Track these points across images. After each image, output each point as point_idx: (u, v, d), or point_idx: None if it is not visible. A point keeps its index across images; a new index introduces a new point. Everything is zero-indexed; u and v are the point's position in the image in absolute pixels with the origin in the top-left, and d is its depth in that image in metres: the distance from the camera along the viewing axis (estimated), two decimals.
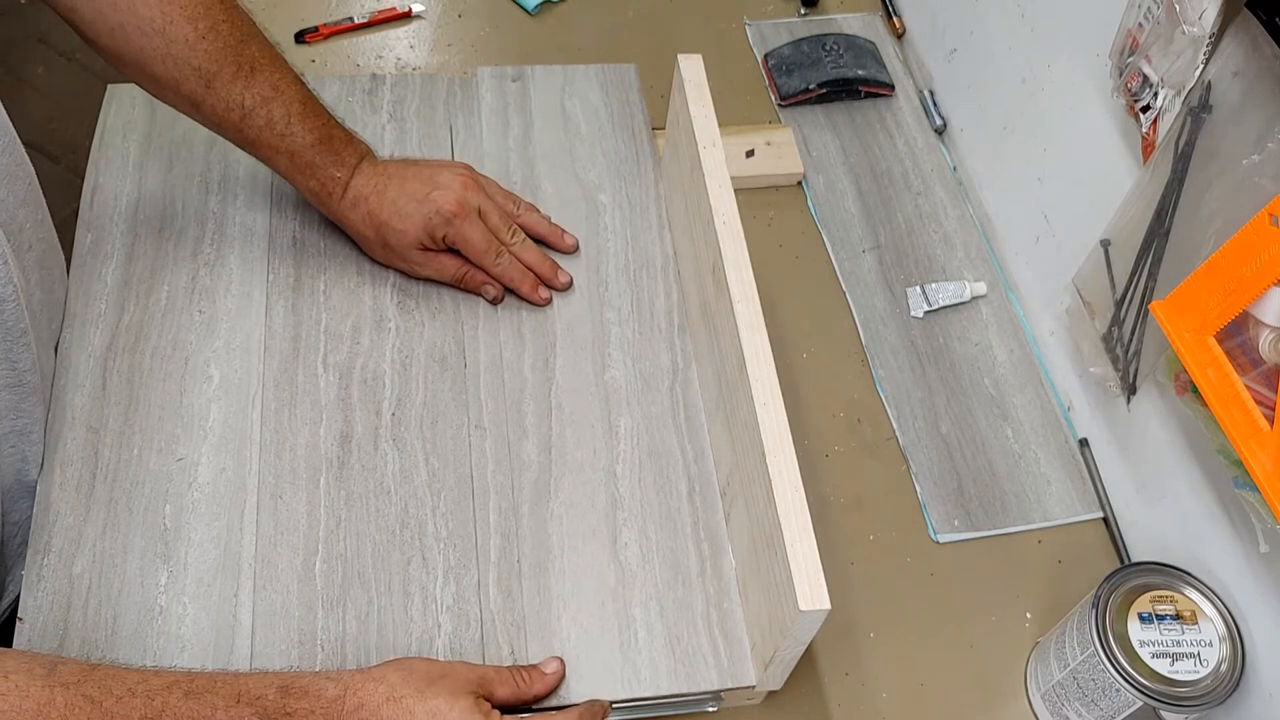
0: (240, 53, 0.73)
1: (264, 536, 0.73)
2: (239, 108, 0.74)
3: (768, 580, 0.65)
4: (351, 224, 0.81)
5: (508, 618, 0.71)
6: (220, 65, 0.72)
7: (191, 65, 0.72)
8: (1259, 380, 0.61)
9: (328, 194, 0.79)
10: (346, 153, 0.79)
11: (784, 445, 0.64)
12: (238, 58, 0.73)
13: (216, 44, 0.72)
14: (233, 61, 0.73)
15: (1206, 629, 0.68)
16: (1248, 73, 0.64)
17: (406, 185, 0.79)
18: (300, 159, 0.77)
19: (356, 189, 0.79)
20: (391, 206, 0.79)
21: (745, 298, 0.70)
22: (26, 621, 0.68)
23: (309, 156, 0.77)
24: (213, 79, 0.72)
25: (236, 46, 0.73)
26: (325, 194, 0.79)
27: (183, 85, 0.73)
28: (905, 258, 0.96)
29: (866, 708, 0.75)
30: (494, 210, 0.82)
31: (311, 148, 0.77)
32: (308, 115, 0.76)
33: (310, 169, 0.78)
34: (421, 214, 0.79)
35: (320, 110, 0.78)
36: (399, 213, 0.79)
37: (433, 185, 0.79)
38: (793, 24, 1.12)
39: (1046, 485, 0.85)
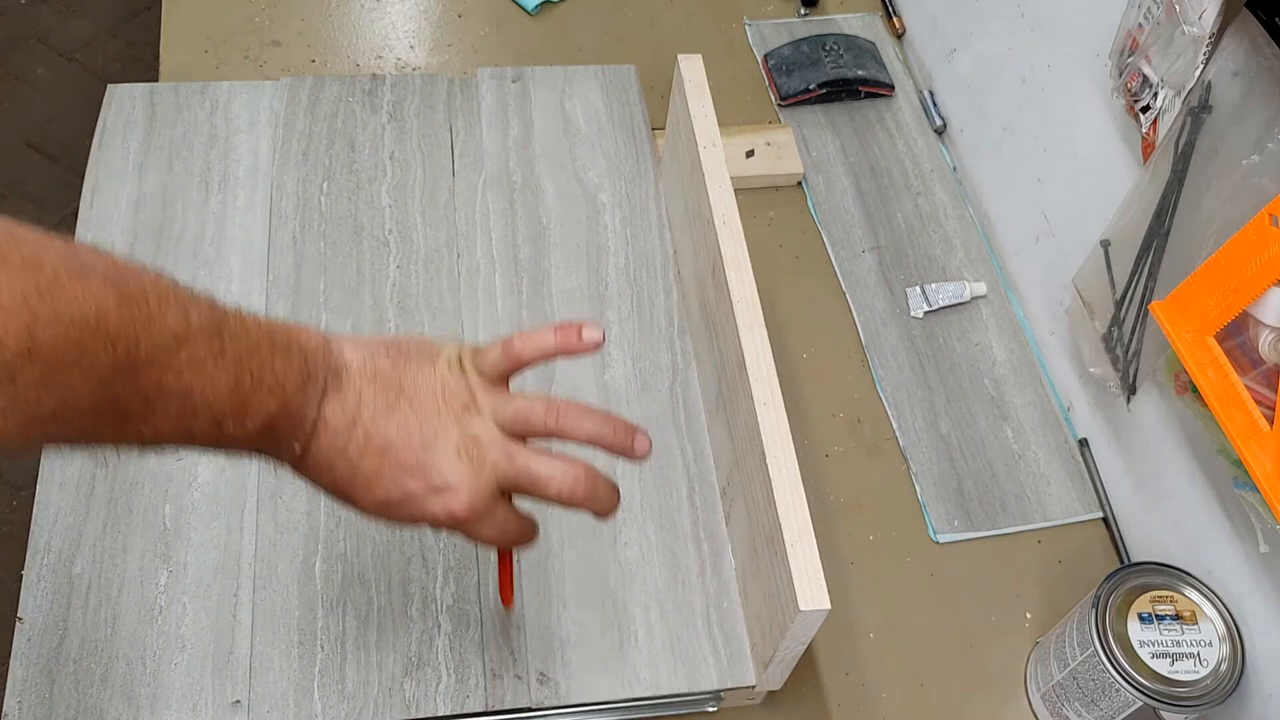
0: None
1: (264, 536, 0.73)
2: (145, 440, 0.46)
3: (768, 580, 0.65)
4: (307, 480, 0.54)
5: (508, 618, 0.71)
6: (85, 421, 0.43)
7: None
8: (1259, 380, 0.61)
9: (281, 460, 0.53)
10: (300, 389, 0.50)
11: (784, 445, 0.64)
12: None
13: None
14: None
15: (1206, 629, 0.68)
16: (1248, 73, 0.64)
17: (390, 457, 0.52)
18: (247, 444, 0.50)
19: (320, 448, 0.52)
20: (368, 491, 0.53)
21: (745, 298, 0.70)
22: (26, 621, 0.68)
23: (258, 439, 0.50)
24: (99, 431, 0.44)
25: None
26: (284, 458, 0.52)
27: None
28: (905, 258, 0.96)
29: (866, 708, 0.75)
30: (513, 458, 0.55)
31: (260, 432, 0.49)
32: (233, 384, 0.47)
33: (266, 441, 0.50)
34: (411, 514, 0.54)
35: (239, 350, 0.47)
36: (378, 501, 0.53)
37: (427, 472, 0.53)
38: (793, 24, 1.12)
39: (1046, 485, 0.85)
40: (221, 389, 0.46)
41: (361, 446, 0.52)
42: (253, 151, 0.90)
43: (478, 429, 0.54)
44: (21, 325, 0.38)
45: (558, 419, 0.56)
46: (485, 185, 0.91)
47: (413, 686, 0.68)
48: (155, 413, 0.44)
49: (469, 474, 0.53)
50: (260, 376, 0.47)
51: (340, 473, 0.52)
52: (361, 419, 0.52)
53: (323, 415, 0.51)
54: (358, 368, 0.53)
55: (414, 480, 0.53)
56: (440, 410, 0.54)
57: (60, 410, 0.41)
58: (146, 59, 1.99)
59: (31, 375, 0.39)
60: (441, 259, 0.86)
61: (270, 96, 0.94)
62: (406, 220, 0.88)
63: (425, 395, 0.54)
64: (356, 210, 0.88)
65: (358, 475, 0.52)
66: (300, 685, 0.68)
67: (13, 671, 0.67)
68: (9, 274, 0.38)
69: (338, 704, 0.67)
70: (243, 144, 0.91)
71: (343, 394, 0.52)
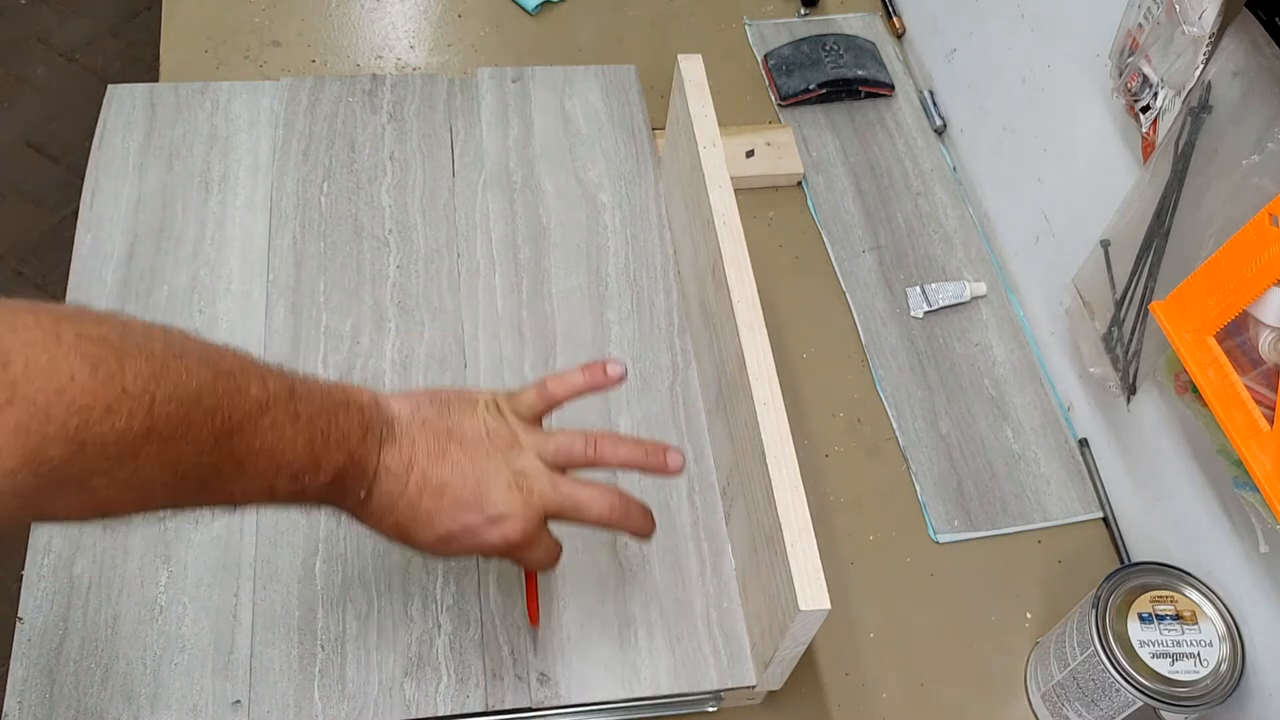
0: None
1: (264, 536, 0.73)
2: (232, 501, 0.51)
3: (768, 580, 0.65)
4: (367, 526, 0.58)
5: (508, 618, 0.71)
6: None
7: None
8: (1259, 380, 0.61)
9: (346, 508, 0.57)
10: (361, 441, 0.55)
11: (784, 445, 0.64)
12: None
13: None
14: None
15: (1206, 629, 0.68)
16: (1248, 73, 0.64)
17: (447, 495, 0.57)
18: (319, 495, 0.55)
19: (382, 493, 0.56)
20: (429, 527, 0.58)
21: (745, 298, 0.70)
22: (26, 621, 0.68)
23: (329, 490, 0.54)
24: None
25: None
26: (343, 508, 0.57)
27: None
28: (905, 258, 0.96)
29: (866, 708, 0.75)
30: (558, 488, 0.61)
31: (331, 483, 0.54)
32: (310, 441, 0.52)
33: (335, 492, 0.55)
34: (470, 546, 0.59)
35: (310, 411, 0.52)
36: (438, 536, 0.58)
37: (483, 505, 0.58)
38: (793, 24, 1.12)
39: (1046, 485, 0.85)
40: (299, 447, 0.50)
41: (420, 488, 0.57)
42: (253, 151, 0.90)
43: (524, 464, 0.60)
44: (144, 408, 0.42)
45: (597, 450, 0.62)
46: (485, 185, 0.91)
47: (413, 686, 0.68)
48: (245, 473, 0.49)
49: (521, 504, 0.59)
50: (329, 433, 0.52)
51: (401, 514, 0.57)
52: (417, 463, 0.57)
53: (382, 463, 0.56)
54: (407, 418, 0.58)
55: (472, 514, 0.58)
56: (488, 450, 0.59)
57: (169, 480, 0.45)
58: (146, 59, 1.99)
59: (150, 452, 0.43)
60: (441, 259, 0.86)
61: (270, 96, 0.94)
62: (406, 220, 0.88)
63: (472, 438, 0.59)
64: (356, 210, 0.88)
65: (418, 514, 0.57)
66: (300, 685, 0.68)
67: (13, 671, 0.67)
68: (131, 363, 0.42)
69: (338, 704, 0.67)
70: (243, 144, 0.91)
71: (398, 442, 0.56)
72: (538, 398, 0.63)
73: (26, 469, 0.39)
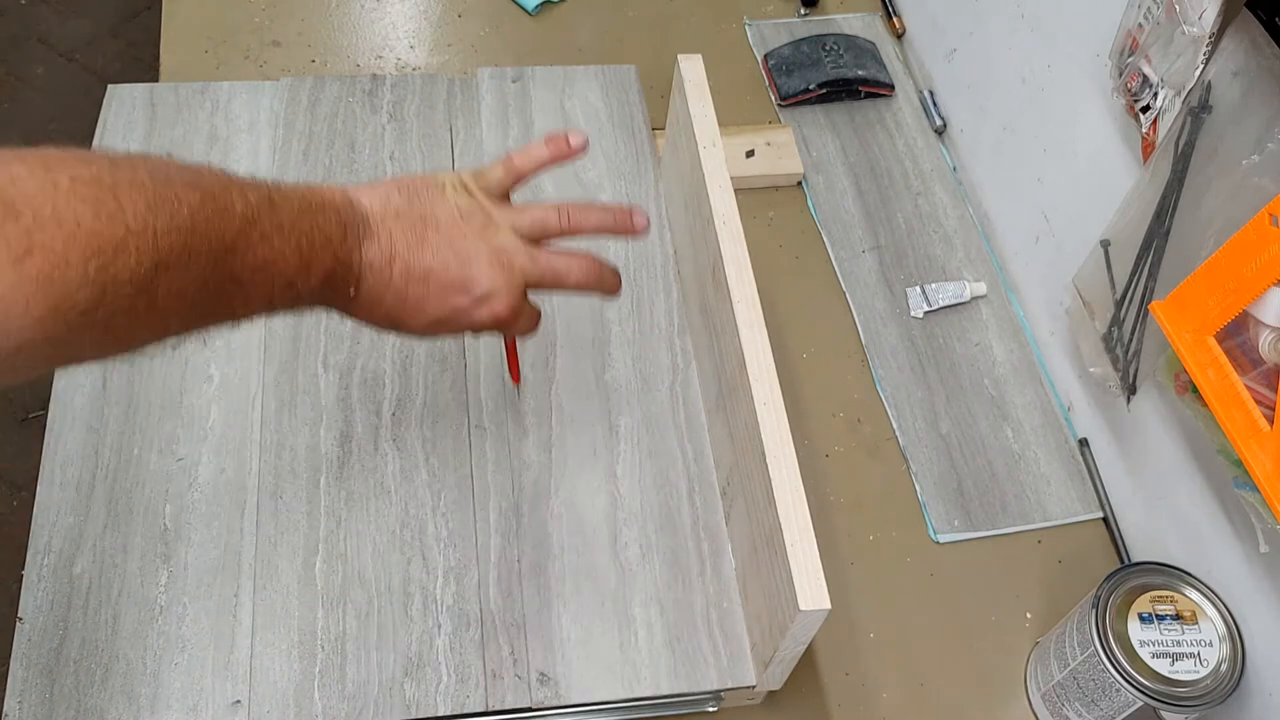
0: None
1: (264, 536, 0.73)
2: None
3: (768, 580, 0.65)
4: (361, 320, 0.59)
5: (508, 618, 0.71)
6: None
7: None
8: (1259, 380, 0.61)
9: (340, 306, 0.58)
10: (343, 240, 0.55)
11: (784, 445, 0.64)
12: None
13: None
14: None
15: (1206, 629, 0.68)
16: (1248, 73, 0.64)
17: (433, 281, 0.59)
18: (312, 298, 0.55)
19: (369, 287, 0.57)
20: (418, 314, 0.59)
21: (745, 298, 0.70)
22: (26, 621, 0.68)
23: (320, 292, 0.55)
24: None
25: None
26: (337, 306, 0.58)
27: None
28: (905, 258, 0.96)
29: (866, 708, 0.75)
30: (536, 260, 0.63)
31: (320, 285, 0.54)
32: (296, 239, 0.52)
33: (326, 292, 0.56)
34: (460, 326, 0.61)
35: (291, 218, 0.52)
36: (429, 321, 0.60)
37: (469, 286, 0.59)
38: (793, 24, 1.12)
39: (1046, 485, 0.85)
40: (289, 255, 0.51)
41: (405, 277, 0.57)
42: (253, 151, 0.90)
43: (502, 240, 0.61)
44: (149, 242, 0.42)
45: (570, 220, 0.64)
46: None
47: (413, 686, 0.68)
48: (245, 289, 0.49)
49: (504, 280, 0.61)
50: (313, 237, 0.52)
51: (390, 304, 0.58)
52: (399, 254, 0.57)
53: (365, 259, 0.56)
54: (380, 210, 0.58)
55: (459, 296, 0.59)
56: (465, 231, 0.60)
57: (180, 308, 0.46)
58: (146, 59, 1.99)
59: (161, 284, 0.43)
60: None
61: (270, 96, 0.94)
62: None
63: (447, 221, 0.60)
64: None
65: (406, 303, 0.58)
66: (300, 685, 0.68)
67: (13, 671, 0.67)
68: (127, 199, 0.42)
69: (338, 704, 0.67)
70: (243, 144, 0.91)
71: (375, 236, 0.57)
72: (504, 173, 0.64)
73: (55, 316, 0.39)
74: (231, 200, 0.48)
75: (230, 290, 0.49)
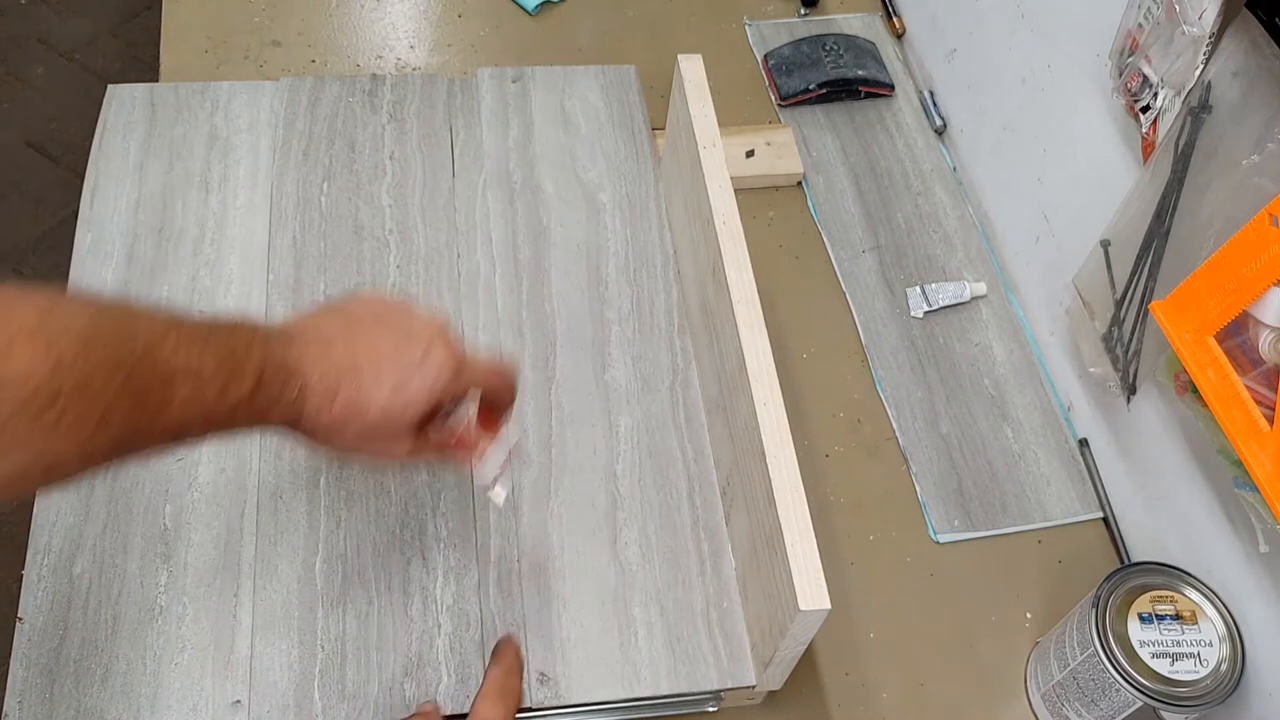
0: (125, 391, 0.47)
1: (264, 536, 0.73)
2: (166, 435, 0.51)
3: (768, 580, 0.65)
4: (323, 430, 0.58)
5: (508, 618, 0.71)
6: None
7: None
8: (1259, 380, 0.61)
9: (299, 415, 0.56)
10: (265, 348, 0.55)
11: (784, 445, 0.64)
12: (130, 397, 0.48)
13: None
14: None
15: (1206, 629, 0.68)
16: (1248, 73, 0.64)
17: (381, 348, 0.59)
18: (254, 411, 0.54)
19: (316, 380, 0.56)
20: (378, 385, 0.58)
21: (745, 298, 0.70)
22: (26, 621, 0.68)
23: (262, 403, 0.54)
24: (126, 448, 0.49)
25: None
26: (296, 415, 0.56)
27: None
28: (905, 258, 0.96)
29: (866, 708, 0.75)
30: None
31: (253, 392, 0.53)
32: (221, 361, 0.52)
33: (268, 408, 0.55)
34: (426, 383, 0.59)
35: (204, 325, 0.52)
36: (393, 387, 0.58)
37: (413, 335, 0.60)
38: (793, 24, 1.12)
39: (1046, 485, 0.85)
40: (209, 362, 0.51)
41: (350, 354, 0.57)
42: (253, 151, 0.90)
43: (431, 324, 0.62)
44: (43, 346, 0.43)
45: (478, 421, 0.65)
46: (485, 185, 0.91)
47: (413, 686, 0.68)
48: (173, 394, 0.49)
49: (440, 325, 0.61)
50: (232, 344, 0.52)
51: (348, 388, 0.57)
52: (336, 338, 0.58)
53: (301, 353, 0.56)
54: (297, 315, 0.59)
55: (411, 348, 0.59)
56: (390, 305, 0.62)
57: (102, 415, 0.46)
58: (146, 59, 1.99)
59: (68, 388, 0.44)
60: (441, 259, 0.86)
61: (270, 96, 0.94)
62: (406, 220, 0.88)
63: (369, 305, 0.61)
64: (356, 210, 0.88)
65: (363, 379, 0.57)
66: (300, 685, 0.68)
67: (13, 671, 0.67)
68: (19, 308, 0.44)
69: (338, 704, 0.67)
70: (243, 144, 0.91)
71: (303, 335, 0.57)
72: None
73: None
74: (135, 314, 0.50)
75: (158, 394, 0.49)
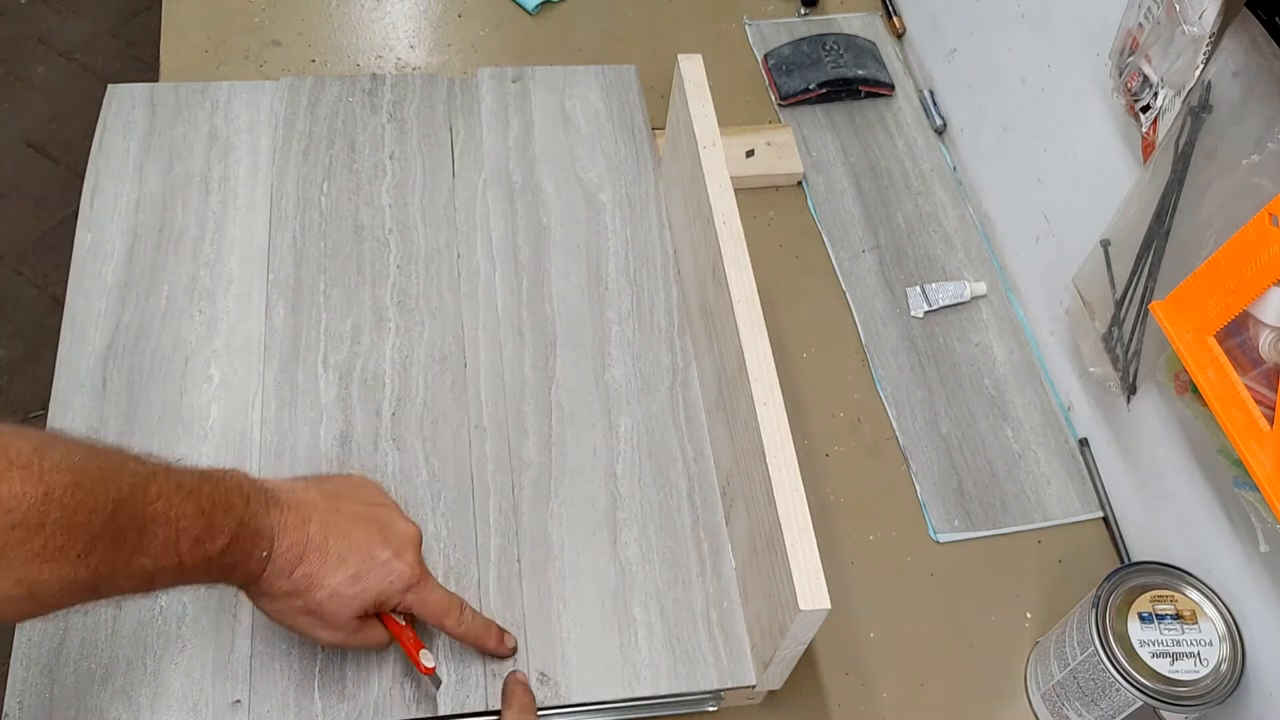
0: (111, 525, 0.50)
1: None
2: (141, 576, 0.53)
3: (768, 580, 0.65)
4: (273, 596, 0.60)
5: (508, 618, 0.71)
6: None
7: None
8: (1259, 380, 0.61)
9: (256, 576, 0.59)
10: (246, 509, 0.57)
11: (784, 445, 0.64)
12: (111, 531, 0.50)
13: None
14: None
15: (1206, 629, 0.68)
16: (1248, 73, 0.64)
17: (354, 535, 0.61)
18: (224, 565, 0.57)
19: (284, 547, 0.59)
20: (339, 569, 0.60)
21: (745, 298, 0.70)
22: (26, 621, 0.68)
23: (231, 558, 0.57)
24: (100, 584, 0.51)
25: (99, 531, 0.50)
26: (253, 576, 0.59)
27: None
28: (905, 258, 0.96)
29: (866, 708, 0.75)
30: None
31: (226, 548, 0.56)
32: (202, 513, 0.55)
33: (234, 565, 0.57)
34: (378, 583, 0.62)
35: (193, 476, 0.56)
36: (350, 575, 0.61)
37: (388, 536, 0.63)
38: (793, 24, 1.12)
39: (1046, 485, 0.85)
40: (190, 512, 0.53)
41: (324, 530, 0.60)
42: (253, 151, 0.90)
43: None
44: (35, 475, 0.47)
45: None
46: (485, 185, 0.91)
47: (413, 686, 0.68)
48: (148, 540, 0.52)
49: (415, 539, 0.65)
50: (214, 499, 0.55)
51: (312, 562, 0.59)
52: (315, 514, 0.60)
53: (278, 520, 0.59)
54: (287, 485, 0.61)
55: (380, 547, 0.62)
56: (376, 499, 0.66)
57: (82, 551, 0.48)
58: (146, 59, 1.99)
59: (54, 519, 0.47)
60: (441, 259, 0.86)
61: (270, 96, 0.94)
62: (406, 220, 0.88)
63: (358, 491, 0.66)
64: (356, 210, 0.88)
65: (327, 558, 0.60)
66: (300, 685, 0.68)
67: (13, 671, 0.67)
68: (14, 441, 0.47)
69: (338, 704, 0.67)
70: (243, 144, 0.91)
71: (283, 503, 0.59)
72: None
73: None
74: (124, 459, 0.52)
75: (134, 539, 0.51)
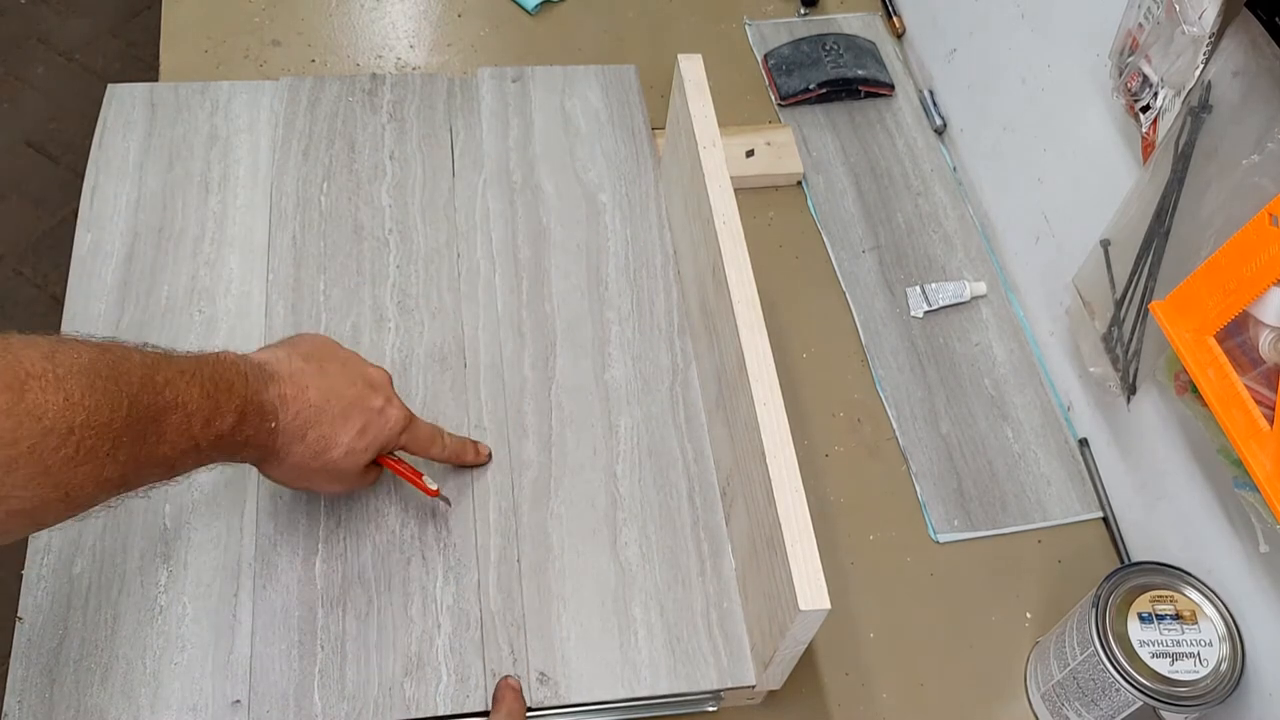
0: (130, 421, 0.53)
1: (264, 536, 0.73)
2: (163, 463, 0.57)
3: (768, 580, 0.65)
4: (288, 465, 0.64)
5: (508, 618, 0.71)
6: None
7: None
8: (1259, 380, 0.61)
9: (270, 448, 0.63)
10: (246, 387, 0.60)
11: (784, 445, 0.64)
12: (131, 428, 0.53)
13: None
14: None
15: (1206, 629, 0.68)
16: (1248, 73, 0.64)
17: (350, 394, 0.66)
18: (235, 443, 0.60)
19: (290, 416, 0.63)
20: (345, 426, 0.65)
21: (745, 298, 0.70)
22: (26, 621, 0.68)
23: (243, 436, 0.60)
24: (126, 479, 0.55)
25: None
26: (267, 448, 0.63)
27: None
28: (905, 258, 0.96)
29: (866, 708, 0.75)
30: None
31: (235, 426, 0.59)
32: (209, 398, 0.58)
33: (244, 442, 0.61)
34: (380, 430, 0.67)
35: (191, 360, 0.59)
36: (358, 429, 0.65)
37: (377, 388, 0.68)
38: (793, 24, 1.12)
39: (1046, 485, 0.85)
40: (197, 396, 0.56)
41: (323, 395, 0.64)
42: (253, 151, 0.90)
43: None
44: (53, 383, 0.49)
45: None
46: (485, 185, 0.91)
47: (413, 686, 0.68)
48: (164, 429, 0.55)
49: (388, 380, 0.69)
50: (216, 380, 0.58)
51: (324, 426, 0.64)
52: (311, 383, 0.63)
53: (278, 393, 0.62)
54: (275, 356, 0.64)
55: (373, 396, 0.66)
56: (350, 356, 0.69)
57: (110, 449, 0.51)
58: (146, 59, 1.99)
59: (80, 421, 0.50)
60: (441, 259, 0.86)
61: (270, 96, 0.94)
62: (406, 220, 0.88)
63: (338, 354, 0.68)
64: (356, 210, 0.88)
65: (333, 417, 0.64)
66: (300, 685, 0.68)
67: (13, 671, 0.67)
68: (26, 352, 0.49)
69: (338, 704, 0.67)
70: (243, 144, 0.91)
71: (280, 376, 0.63)
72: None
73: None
74: (127, 352, 0.54)
75: (152, 430, 0.54)
